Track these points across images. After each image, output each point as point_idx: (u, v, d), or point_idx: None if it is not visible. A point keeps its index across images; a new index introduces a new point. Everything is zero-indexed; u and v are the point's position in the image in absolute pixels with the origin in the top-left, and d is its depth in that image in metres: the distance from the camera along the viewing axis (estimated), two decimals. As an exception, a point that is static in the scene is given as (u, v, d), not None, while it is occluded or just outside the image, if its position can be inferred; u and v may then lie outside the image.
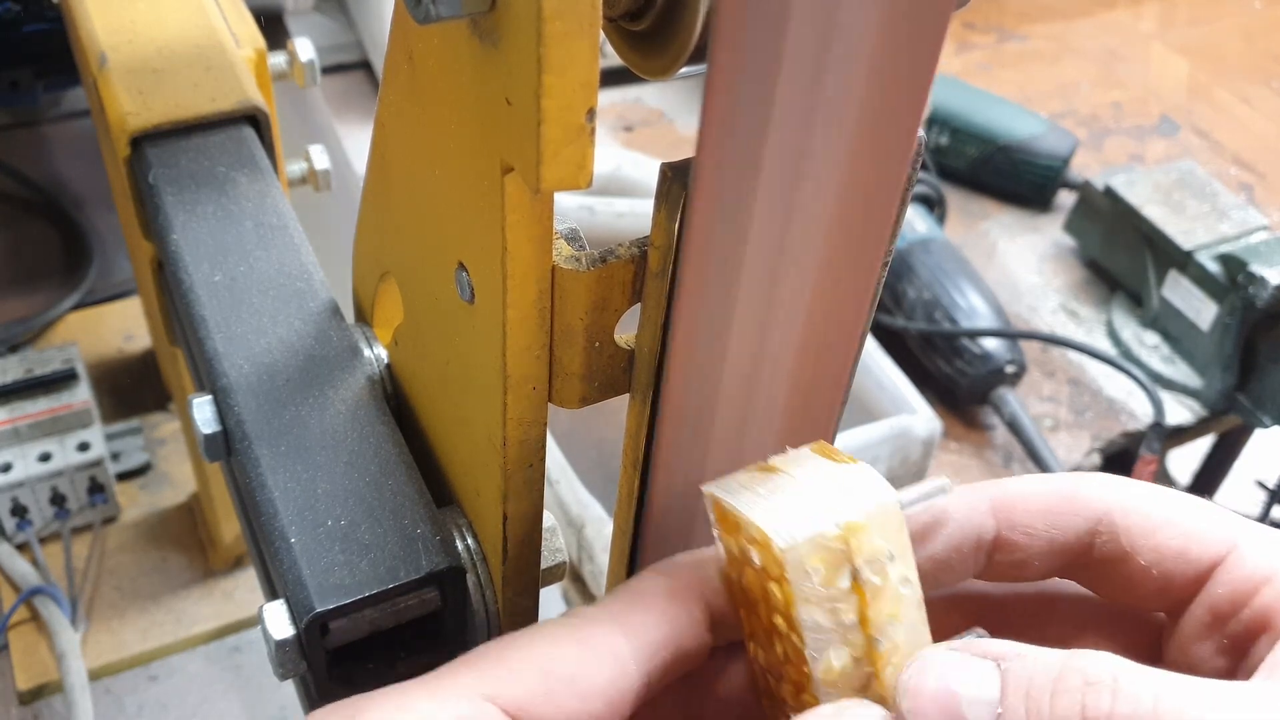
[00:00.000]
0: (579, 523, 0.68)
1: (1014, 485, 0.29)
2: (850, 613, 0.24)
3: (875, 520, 0.25)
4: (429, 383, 0.35)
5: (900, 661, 0.25)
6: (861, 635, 0.24)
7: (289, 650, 0.31)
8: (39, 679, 0.62)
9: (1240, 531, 0.26)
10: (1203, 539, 0.26)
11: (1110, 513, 0.27)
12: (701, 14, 0.23)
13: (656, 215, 0.26)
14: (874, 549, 0.24)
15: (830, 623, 0.24)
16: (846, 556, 0.24)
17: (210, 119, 0.48)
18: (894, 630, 0.24)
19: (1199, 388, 0.88)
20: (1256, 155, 1.15)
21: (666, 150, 1.08)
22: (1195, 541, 0.26)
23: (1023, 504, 0.28)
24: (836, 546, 0.24)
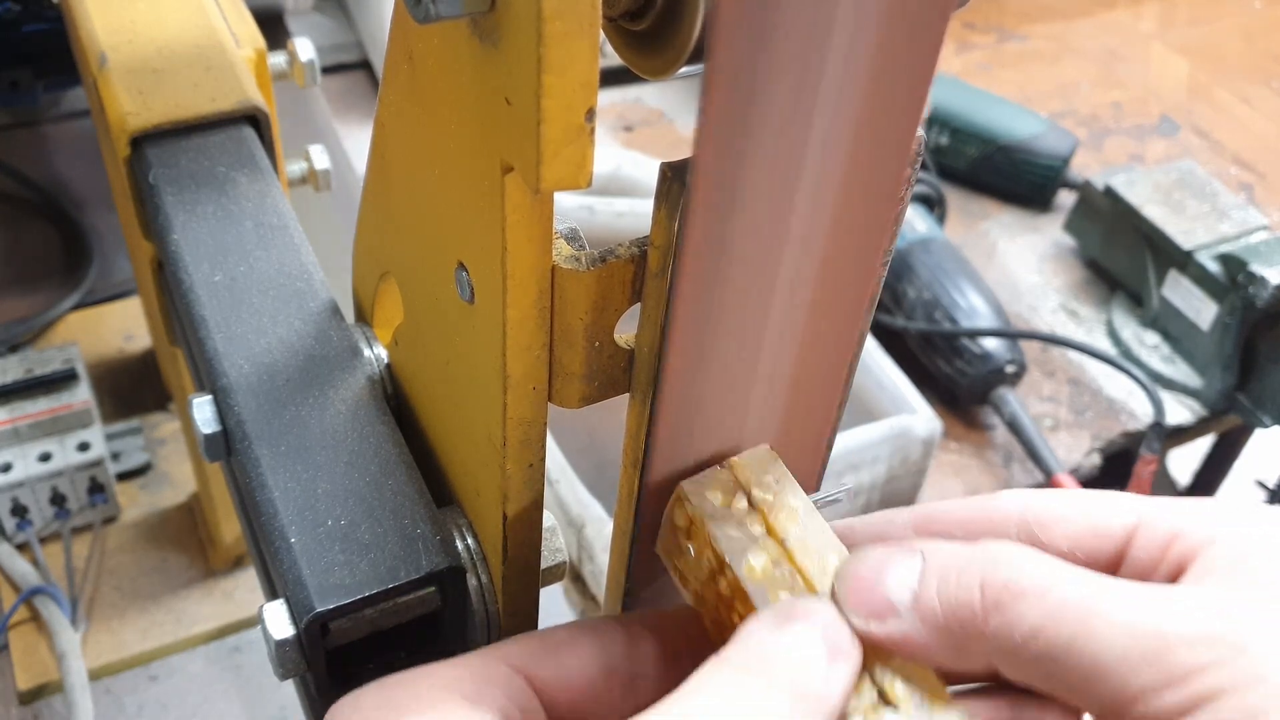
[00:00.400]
0: (579, 523, 0.68)
1: (934, 504, 0.31)
2: (756, 524, 0.28)
3: (753, 458, 0.30)
4: (429, 383, 0.35)
5: (814, 559, 0.28)
6: (772, 541, 0.28)
7: (289, 650, 0.31)
8: (39, 679, 0.62)
9: (1143, 504, 0.29)
10: (1108, 516, 0.28)
11: (1023, 514, 0.29)
12: (701, 14, 0.23)
13: (656, 215, 0.26)
14: (758, 475, 0.29)
15: (741, 533, 0.28)
16: (736, 484, 0.29)
17: (210, 119, 0.48)
18: (797, 531, 0.28)
19: (1199, 388, 0.88)
20: (1256, 155, 1.15)
21: (666, 150, 1.08)
22: (1102, 519, 0.28)
23: (942, 517, 0.30)
24: (725, 477, 0.29)
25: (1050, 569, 0.26)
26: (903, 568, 0.27)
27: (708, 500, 0.29)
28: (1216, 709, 0.23)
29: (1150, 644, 0.24)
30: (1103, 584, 0.25)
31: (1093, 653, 0.24)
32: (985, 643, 0.25)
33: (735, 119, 0.22)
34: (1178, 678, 0.23)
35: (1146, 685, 0.23)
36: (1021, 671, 0.25)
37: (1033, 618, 0.25)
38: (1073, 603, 0.25)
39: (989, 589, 0.25)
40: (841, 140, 0.24)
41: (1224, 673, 0.23)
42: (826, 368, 0.30)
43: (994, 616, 0.25)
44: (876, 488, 0.76)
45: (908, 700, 0.26)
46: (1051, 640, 0.24)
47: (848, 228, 0.26)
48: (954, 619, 0.26)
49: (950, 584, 0.26)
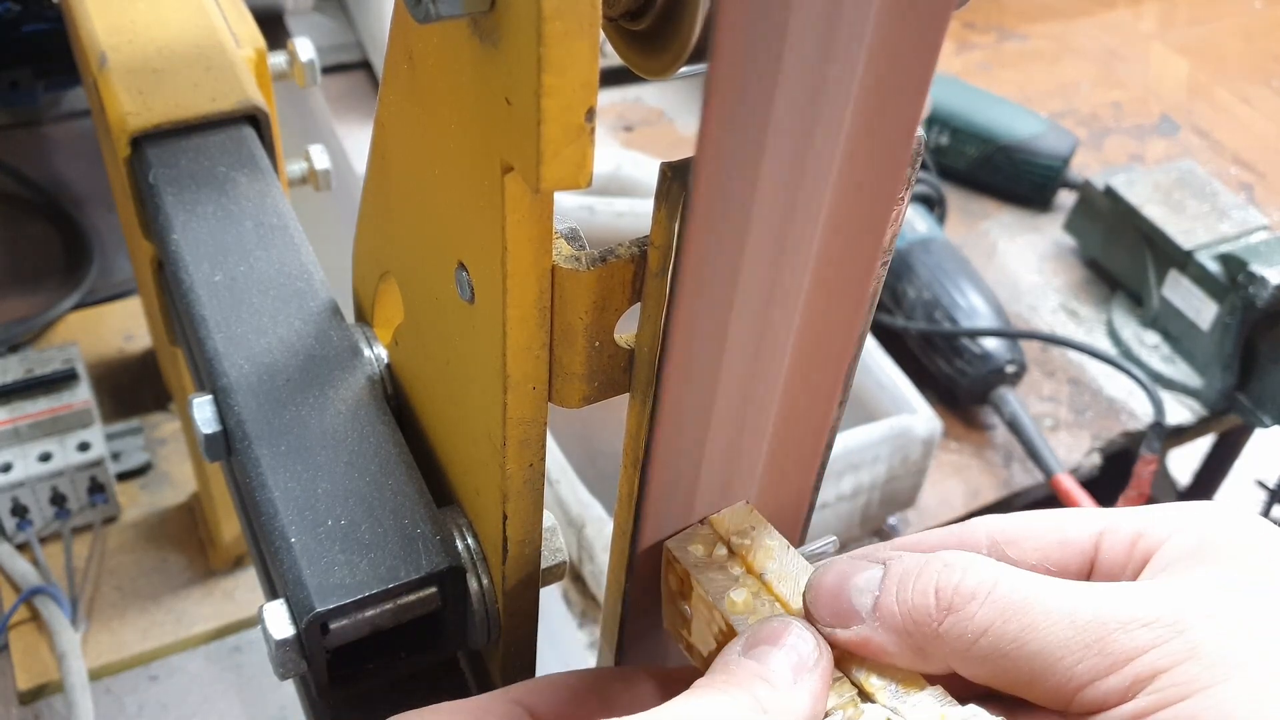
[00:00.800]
0: (579, 523, 0.68)
1: (911, 536, 0.33)
2: (736, 566, 0.31)
3: (730, 514, 0.32)
4: (429, 382, 0.35)
5: (790, 585, 0.30)
6: (751, 577, 0.30)
7: (289, 650, 0.31)
8: (39, 679, 0.62)
9: (1108, 512, 0.30)
10: (1074, 526, 0.30)
11: (992, 535, 0.31)
12: (701, 14, 0.23)
13: (656, 215, 0.26)
14: (736, 526, 0.31)
15: (723, 576, 0.30)
16: (716, 536, 0.31)
17: (210, 119, 0.48)
18: (774, 565, 0.31)
19: (1199, 387, 0.88)
20: (1256, 155, 1.15)
21: (666, 150, 1.08)
22: (1068, 530, 0.30)
23: (916, 546, 0.31)
24: (705, 532, 0.32)
25: (996, 570, 0.27)
26: (865, 576, 0.28)
27: (690, 554, 0.31)
28: (1155, 688, 0.24)
29: (1090, 632, 0.25)
30: (1046, 581, 0.26)
31: (1038, 645, 0.25)
32: (941, 644, 0.27)
33: (737, 119, 0.22)
34: (1118, 662, 0.24)
35: (1088, 672, 0.25)
36: (976, 670, 0.26)
37: (982, 617, 0.26)
38: (1017, 599, 0.26)
39: (941, 592, 0.27)
40: (842, 140, 0.24)
41: (1161, 652, 0.24)
42: (826, 367, 0.30)
43: (947, 619, 0.26)
44: (876, 487, 0.76)
45: (883, 690, 0.27)
46: (1000, 636, 0.26)
47: (848, 227, 0.26)
48: (911, 622, 0.27)
49: (908, 589, 0.27)
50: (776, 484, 0.32)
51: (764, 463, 0.31)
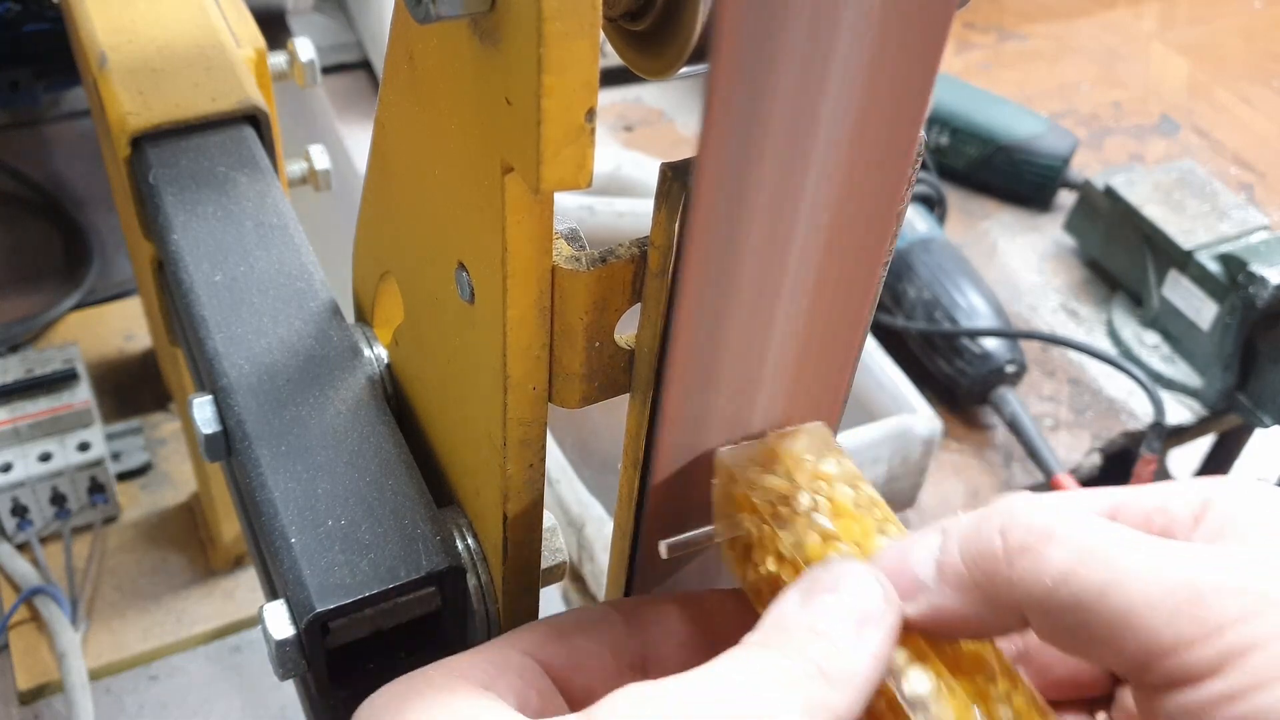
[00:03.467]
0: (579, 523, 0.68)
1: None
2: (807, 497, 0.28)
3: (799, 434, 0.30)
4: (429, 383, 0.35)
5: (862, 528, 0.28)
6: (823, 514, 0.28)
7: (289, 650, 0.31)
8: (39, 679, 0.62)
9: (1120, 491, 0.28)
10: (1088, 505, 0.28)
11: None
12: (701, 14, 0.23)
13: (656, 215, 0.26)
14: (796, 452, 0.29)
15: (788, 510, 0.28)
16: (774, 454, 0.29)
17: (210, 119, 0.48)
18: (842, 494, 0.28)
19: (1199, 387, 0.88)
20: (1256, 155, 1.15)
21: (666, 150, 1.08)
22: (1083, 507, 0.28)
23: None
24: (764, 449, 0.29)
25: (1071, 511, 0.25)
26: (924, 544, 0.27)
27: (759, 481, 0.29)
28: (1248, 663, 0.22)
29: (1183, 594, 0.23)
30: (1129, 532, 0.25)
31: (1123, 601, 0.23)
32: (1014, 591, 0.25)
33: (738, 120, 0.22)
34: (1211, 630, 0.23)
35: (1179, 637, 0.23)
36: (1051, 623, 0.24)
37: (1060, 561, 0.24)
38: (1101, 549, 0.24)
39: (1010, 534, 0.25)
40: (843, 140, 0.24)
41: (1257, 625, 0.22)
42: (828, 367, 0.30)
43: (1019, 560, 0.24)
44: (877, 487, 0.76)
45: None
46: (1083, 585, 0.24)
47: (849, 227, 0.26)
48: (979, 572, 0.25)
49: (970, 541, 0.26)
50: (777, 484, 0.32)
51: (764, 463, 0.31)
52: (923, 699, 0.25)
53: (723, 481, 0.29)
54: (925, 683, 0.25)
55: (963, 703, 0.25)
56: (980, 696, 0.25)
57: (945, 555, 0.26)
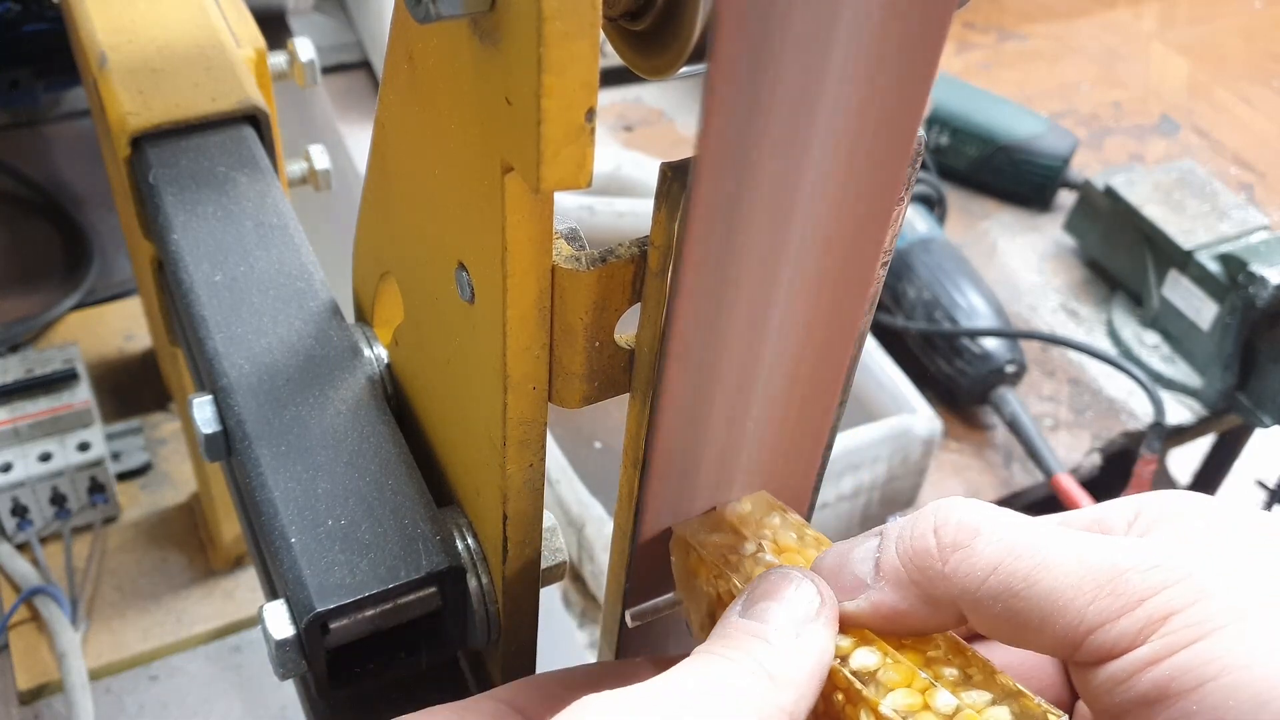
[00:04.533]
0: (579, 523, 0.68)
1: None
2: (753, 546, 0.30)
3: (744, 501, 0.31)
4: (429, 383, 0.35)
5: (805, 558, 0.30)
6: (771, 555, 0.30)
7: (289, 650, 0.31)
8: (39, 679, 0.62)
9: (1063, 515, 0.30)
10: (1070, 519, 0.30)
11: None
12: (701, 14, 0.23)
13: (656, 215, 0.26)
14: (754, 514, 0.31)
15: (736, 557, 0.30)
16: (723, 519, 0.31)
17: (210, 119, 0.48)
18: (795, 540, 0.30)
19: (1199, 387, 0.88)
20: (1256, 155, 1.15)
21: (666, 150, 1.08)
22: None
23: None
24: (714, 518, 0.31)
25: (995, 510, 0.27)
26: (864, 546, 0.28)
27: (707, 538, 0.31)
28: (1168, 630, 0.24)
29: (1104, 573, 0.25)
30: (1048, 524, 0.27)
31: (1050, 586, 0.25)
32: (949, 584, 0.26)
33: (737, 119, 0.22)
34: (1130, 604, 0.24)
35: (1102, 613, 0.24)
36: (986, 613, 0.26)
37: (989, 553, 0.26)
38: (1026, 539, 0.26)
39: (943, 531, 0.27)
40: (842, 140, 0.24)
41: (1172, 593, 0.24)
42: (826, 367, 0.30)
43: (953, 555, 0.26)
44: (877, 487, 0.76)
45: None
46: (1010, 573, 0.25)
47: (848, 227, 0.26)
48: (915, 569, 0.27)
49: (906, 539, 0.27)
50: (776, 484, 0.32)
51: (764, 462, 0.31)
52: (870, 670, 0.27)
53: (679, 553, 0.31)
54: (871, 657, 0.27)
55: (909, 669, 0.26)
56: (926, 663, 0.27)
57: (884, 554, 0.28)
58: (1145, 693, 0.24)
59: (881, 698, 0.26)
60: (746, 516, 0.31)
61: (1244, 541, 0.26)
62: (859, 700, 0.26)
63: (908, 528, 0.28)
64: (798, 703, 0.25)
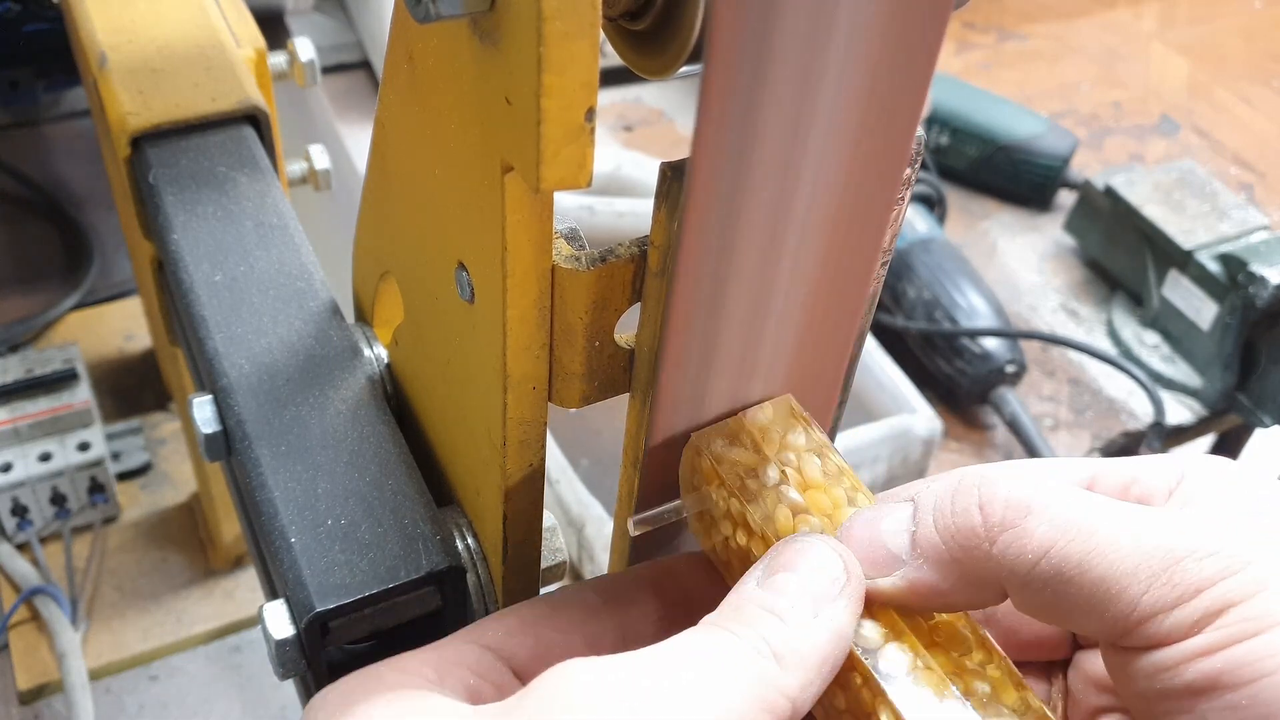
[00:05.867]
0: (579, 523, 0.68)
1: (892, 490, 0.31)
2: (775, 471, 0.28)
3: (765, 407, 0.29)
4: (429, 382, 0.35)
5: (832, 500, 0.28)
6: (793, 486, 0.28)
7: (289, 650, 0.31)
8: (39, 679, 0.62)
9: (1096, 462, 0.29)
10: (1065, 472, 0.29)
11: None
12: (700, 13, 0.23)
13: (656, 214, 0.26)
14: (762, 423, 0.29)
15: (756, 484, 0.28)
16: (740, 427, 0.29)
17: (210, 119, 0.48)
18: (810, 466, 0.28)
19: (1199, 387, 0.88)
20: (1256, 155, 1.15)
21: (666, 150, 1.07)
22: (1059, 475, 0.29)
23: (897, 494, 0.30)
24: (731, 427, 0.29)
25: (1045, 484, 0.25)
26: (895, 516, 0.26)
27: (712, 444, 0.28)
28: (1225, 622, 0.23)
29: (1160, 559, 0.23)
30: (1104, 502, 0.25)
31: (1102, 571, 0.24)
32: (996, 567, 0.25)
33: (734, 119, 0.22)
34: (1186, 593, 0.23)
35: (1158, 602, 0.23)
36: (1032, 596, 0.25)
37: (1041, 535, 0.24)
38: (1079, 520, 0.24)
39: (990, 509, 0.25)
40: (841, 140, 0.24)
41: (1230, 584, 0.23)
42: (826, 367, 0.30)
43: (1001, 536, 0.24)
44: (876, 487, 0.76)
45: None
46: (1063, 558, 0.24)
47: (847, 227, 0.26)
48: (957, 547, 0.25)
49: (945, 514, 0.26)
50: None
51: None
52: (899, 676, 0.25)
53: (689, 455, 0.29)
54: (901, 660, 0.25)
55: (939, 679, 0.25)
56: (956, 671, 0.25)
57: (921, 529, 0.26)
58: (1193, 682, 0.23)
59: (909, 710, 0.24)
60: (768, 428, 0.29)
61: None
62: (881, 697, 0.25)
63: (946, 500, 0.26)
64: (804, 688, 0.24)
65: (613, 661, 0.23)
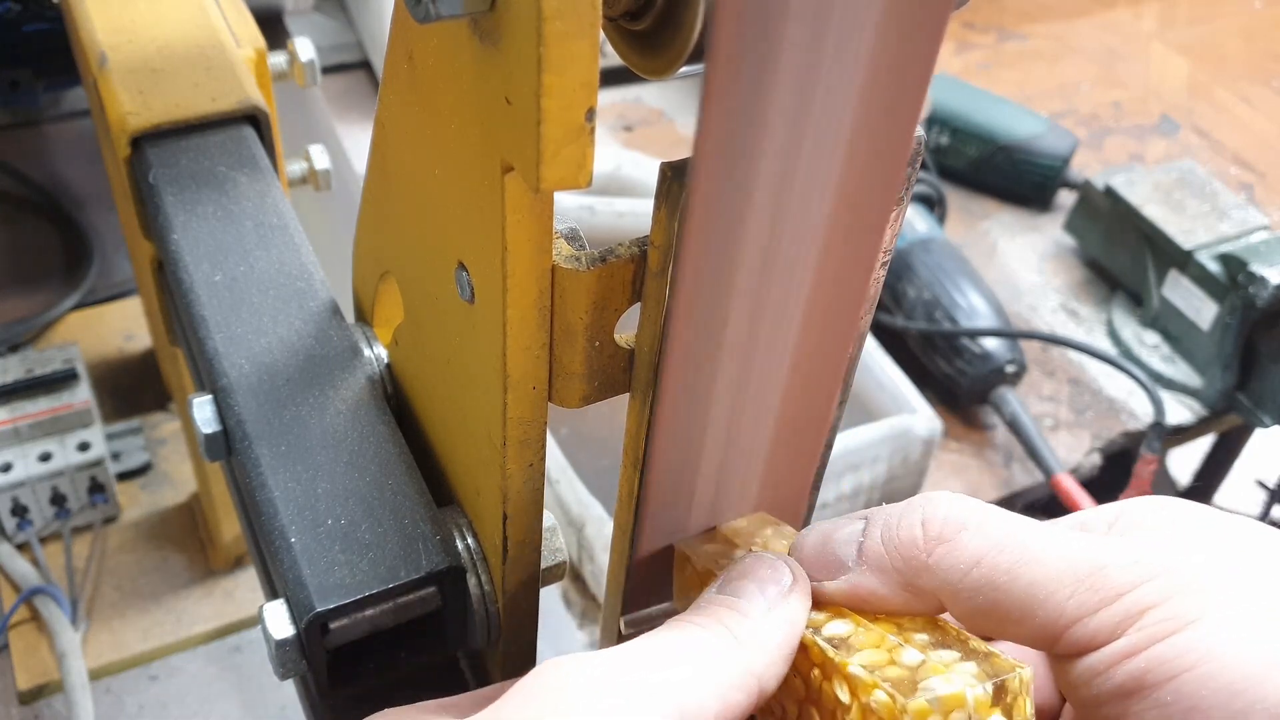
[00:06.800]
0: (579, 523, 0.68)
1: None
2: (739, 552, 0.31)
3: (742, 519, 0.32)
4: (429, 382, 0.35)
5: None
6: None
7: (289, 650, 0.31)
8: (39, 679, 0.62)
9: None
10: None
11: None
12: (701, 13, 0.23)
13: (656, 214, 0.26)
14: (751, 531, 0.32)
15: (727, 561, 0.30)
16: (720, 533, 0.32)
17: (210, 119, 0.48)
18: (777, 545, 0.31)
19: (1199, 387, 0.88)
20: (1256, 155, 1.15)
21: (666, 150, 1.08)
22: None
23: None
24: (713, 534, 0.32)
25: (983, 505, 0.27)
26: (848, 530, 0.29)
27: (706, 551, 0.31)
28: (1144, 623, 0.24)
29: (1084, 568, 0.25)
30: (1032, 521, 0.27)
31: (1030, 578, 0.25)
32: (932, 575, 0.27)
33: (735, 119, 0.22)
34: (1108, 598, 0.25)
35: (1082, 607, 0.25)
36: (966, 604, 0.26)
37: (974, 547, 0.26)
38: (1009, 532, 0.26)
39: (930, 524, 0.27)
40: (840, 140, 0.24)
41: (1150, 588, 0.25)
42: (824, 367, 0.30)
43: (938, 548, 0.27)
44: (876, 487, 0.76)
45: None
46: (993, 567, 0.26)
47: (847, 227, 0.26)
48: (899, 558, 0.27)
49: (893, 528, 0.28)
50: (776, 483, 0.32)
51: (764, 462, 0.31)
52: (842, 637, 0.27)
53: (679, 568, 0.32)
54: (844, 626, 0.28)
55: (879, 634, 0.27)
56: (898, 629, 0.28)
57: (868, 540, 0.28)
58: (1122, 684, 0.24)
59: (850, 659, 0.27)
60: (741, 530, 0.32)
61: (1220, 540, 0.27)
62: (832, 671, 0.27)
63: (895, 517, 0.28)
64: (768, 667, 0.26)
65: (595, 656, 0.25)
